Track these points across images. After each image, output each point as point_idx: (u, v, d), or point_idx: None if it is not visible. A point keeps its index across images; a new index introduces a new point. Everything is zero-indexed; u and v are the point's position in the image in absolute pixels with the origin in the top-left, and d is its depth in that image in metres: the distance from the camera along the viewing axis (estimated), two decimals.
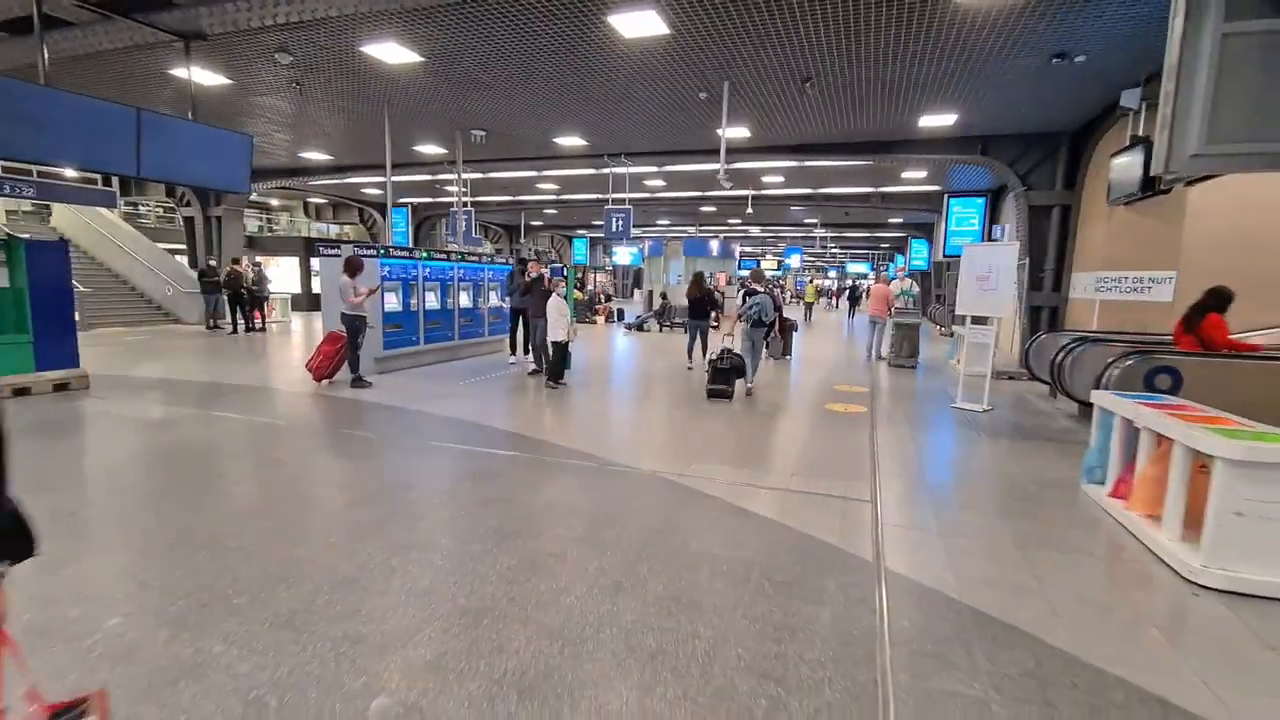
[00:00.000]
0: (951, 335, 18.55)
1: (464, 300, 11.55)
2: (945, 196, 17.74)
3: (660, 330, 18.47)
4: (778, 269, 45.33)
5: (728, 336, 8.97)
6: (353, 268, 8.28)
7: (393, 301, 9.86)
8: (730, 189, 9.85)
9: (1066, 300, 11.02)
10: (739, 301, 9.01)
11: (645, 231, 33.15)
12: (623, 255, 39.48)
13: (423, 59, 8.11)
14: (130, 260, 17.59)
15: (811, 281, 30.58)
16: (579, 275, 35.48)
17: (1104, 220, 9.70)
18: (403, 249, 10.04)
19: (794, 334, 13.57)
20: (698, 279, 11.60)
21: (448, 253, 11.02)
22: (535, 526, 3.86)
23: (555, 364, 8.83)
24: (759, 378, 9.39)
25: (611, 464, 5.21)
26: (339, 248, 9.60)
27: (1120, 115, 8.98)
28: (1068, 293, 10.99)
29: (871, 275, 49.87)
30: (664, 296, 19.28)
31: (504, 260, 13.08)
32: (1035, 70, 7.95)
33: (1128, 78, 8.11)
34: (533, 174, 16.84)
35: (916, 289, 13.42)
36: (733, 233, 32.67)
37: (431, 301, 10.72)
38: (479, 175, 17.13)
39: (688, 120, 10.88)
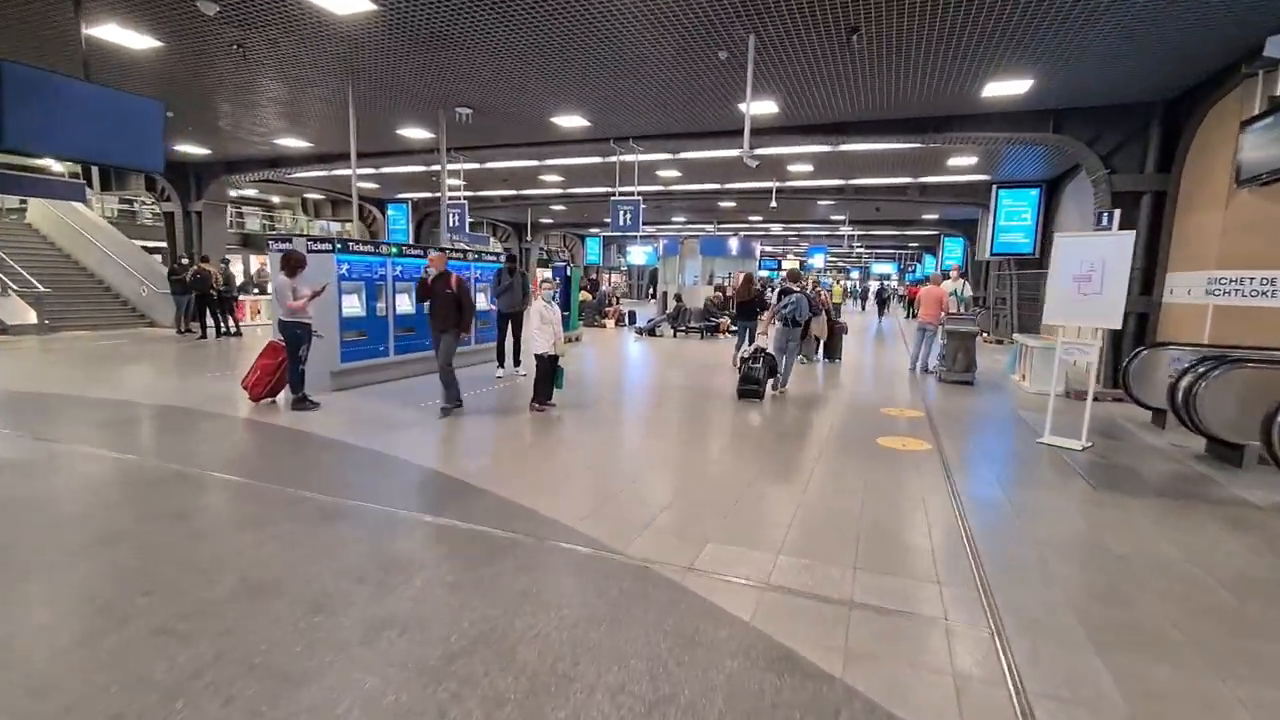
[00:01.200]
0: (1000, 343, 16.68)
1: None
2: (993, 188, 15.95)
3: (674, 335, 16.84)
4: (800, 269, 43.49)
5: (761, 335, 8.84)
6: (291, 264, 6.78)
7: (354, 305, 8.36)
8: (755, 167, 8.20)
9: (1159, 305, 9.18)
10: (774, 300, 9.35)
11: (660, 230, 31.52)
12: (637, 255, 38.01)
13: (377, 7, 6.58)
14: (104, 258, 16.40)
15: (838, 282, 28.71)
16: (591, 276, 33.99)
17: (1218, 209, 7.88)
18: (368, 243, 8.53)
19: (843, 337, 12.67)
20: (748, 280, 11.08)
21: (423, 248, 9.50)
22: (433, 697, 2.27)
23: (541, 383, 7.25)
24: (790, 383, 8.94)
25: (588, 544, 3.60)
26: (290, 241, 8.13)
27: (1246, 76, 7.18)
28: (1160, 296, 9.16)
29: (895, 276, 47.70)
30: (678, 299, 17.64)
31: (493, 257, 11.52)
32: (1150, 13, 6.19)
33: (1263, 22, 6.33)
34: (534, 163, 15.30)
35: (969, 290, 11.62)
36: (753, 230, 30.92)
37: (405, 305, 9.19)
38: (475, 165, 15.64)
39: (705, 92, 9.23)
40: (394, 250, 8.84)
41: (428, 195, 22.28)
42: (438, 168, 14.65)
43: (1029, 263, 15.99)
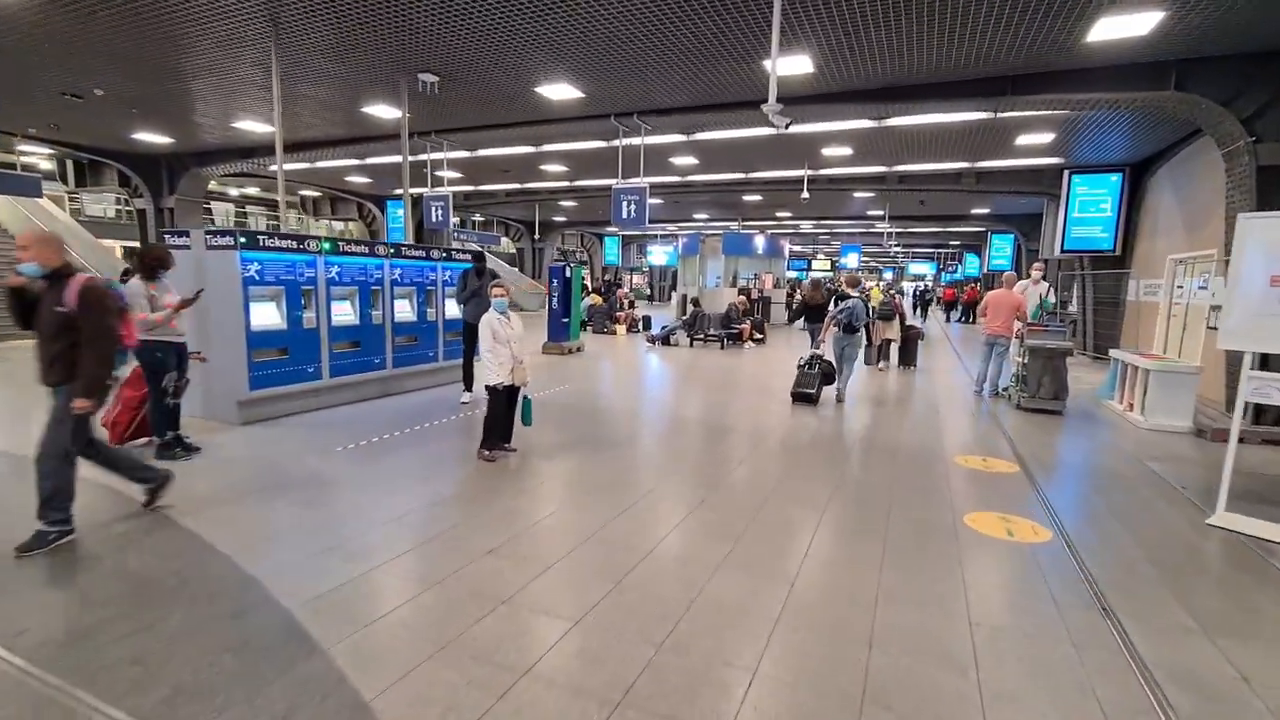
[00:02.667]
0: (1071, 347, 14.31)
1: (403, 311, 8.22)
2: (1065, 174, 13.66)
3: (691, 345, 14.87)
4: (831, 269, 40.99)
5: (821, 343, 8.82)
6: (146, 264, 5.01)
7: (271, 315, 6.60)
8: (786, 127, 6.26)
9: None
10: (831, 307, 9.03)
11: (681, 228, 29.56)
12: (658, 255, 36.07)
13: None
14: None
15: (875, 284, 26.38)
16: (607, 278, 32.16)
17: None
18: (288, 238, 6.74)
19: (920, 343, 12.24)
20: (816, 284, 11.29)
21: (371, 245, 7.70)
22: None
23: (493, 423, 5.39)
24: (852, 403, 8.39)
25: None
26: (188, 235, 6.42)
27: None
28: None
29: (931, 277, 44.65)
30: (695, 303, 15.64)
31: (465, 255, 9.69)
32: None
33: None
34: (531, 150, 13.49)
35: (1053, 296, 9.41)
36: (781, 228, 28.77)
37: (345, 314, 7.43)
38: (466, 154, 13.92)
39: (720, 46, 7.29)
40: (325, 247, 7.06)
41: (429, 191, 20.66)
42: (422, 156, 13.01)
43: (1107, 261, 13.66)
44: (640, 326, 18.36)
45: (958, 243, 35.43)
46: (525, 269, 29.75)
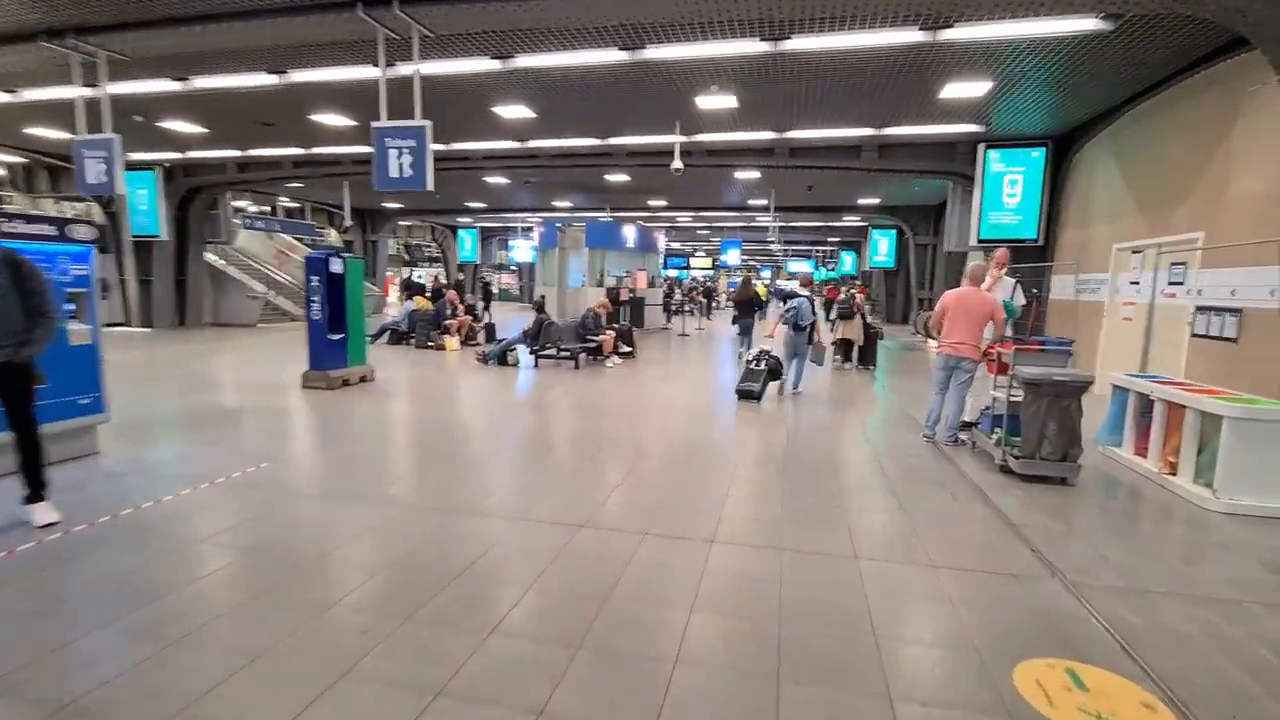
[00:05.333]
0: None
1: None
2: (979, 148, 11.41)
3: (536, 364, 11.08)
4: (712, 268, 38.82)
5: (768, 338, 8.94)
6: None
7: None
8: None
9: None
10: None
11: (546, 218, 25.60)
12: (522, 250, 31.84)
13: None
14: None
15: (757, 282, 24.00)
16: (461, 276, 27.43)
17: None
18: None
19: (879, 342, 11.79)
20: (746, 281, 12.15)
21: None
22: None
23: None
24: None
25: None
26: None
27: None
28: None
29: (800, 277, 44.01)
30: (540, 308, 11.84)
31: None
32: None
33: None
34: (276, 81, 8.94)
35: (1021, 297, 6.64)
36: (656, 220, 25.69)
37: None
38: (178, 87, 9.16)
39: None
40: None
41: (204, 156, 15.23)
42: (87, 93, 8.11)
43: (1029, 252, 11.55)
44: (482, 337, 14.30)
45: (836, 239, 34.36)
46: None
